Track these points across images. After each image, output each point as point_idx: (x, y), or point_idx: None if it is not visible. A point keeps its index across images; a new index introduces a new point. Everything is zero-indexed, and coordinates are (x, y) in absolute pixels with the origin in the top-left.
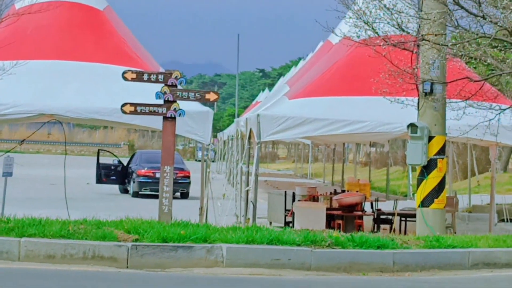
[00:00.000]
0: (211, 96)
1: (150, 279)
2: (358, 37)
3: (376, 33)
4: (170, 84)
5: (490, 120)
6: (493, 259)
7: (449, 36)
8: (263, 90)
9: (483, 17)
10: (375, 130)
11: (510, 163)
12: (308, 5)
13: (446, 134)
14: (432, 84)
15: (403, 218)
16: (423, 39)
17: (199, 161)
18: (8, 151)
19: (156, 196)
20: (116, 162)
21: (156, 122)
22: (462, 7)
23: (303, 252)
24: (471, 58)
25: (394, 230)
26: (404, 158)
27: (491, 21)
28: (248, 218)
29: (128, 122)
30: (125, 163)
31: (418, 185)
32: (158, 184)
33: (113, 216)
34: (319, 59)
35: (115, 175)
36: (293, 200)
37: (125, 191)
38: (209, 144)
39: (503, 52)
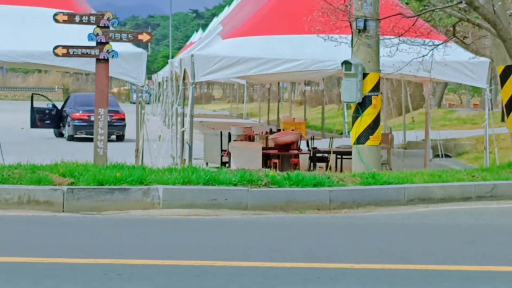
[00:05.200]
0: (144, 37)
1: (87, 222)
2: None
3: None
4: (102, 25)
5: (423, 56)
6: (429, 194)
7: None
8: (197, 30)
9: None
10: (310, 68)
11: (444, 99)
12: None
13: (380, 71)
14: (365, 21)
15: (339, 156)
16: None
17: (134, 103)
18: None
19: (91, 140)
20: (50, 106)
21: (89, 65)
22: None
23: (240, 191)
24: None
25: (330, 168)
26: (339, 96)
27: None
28: (184, 160)
29: (61, 65)
30: (59, 107)
31: (353, 123)
32: (93, 127)
33: (48, 160)
34: None
35: (49, 119)
36: (229, 140)
37: (60, 135)
38: (143, 86)
39: None
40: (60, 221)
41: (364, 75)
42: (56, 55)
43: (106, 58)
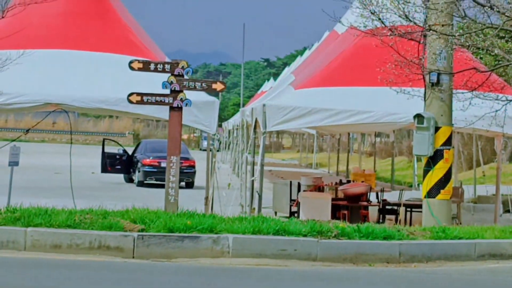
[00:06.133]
0: (218, 86)
1: (156, 269)
2: (365, 27)
3: (383, 23)
4: (177, 74)
5: (496, 111)
6: (500, 250)
7: (456, 26)
8: (268, 79)
9: (490, 7)
10: (381, 120)
11: None
12: None
13: (453, 124)
14: (438, 74)
15: (408, 209)
16: (430, 29)
17: (204, 150)
18: (14, 140)
19: (161, 186)
20: (121, 151)
21: (161, 112)
22: None
23: (309, 242)
24: (478, 48)
25: (399, 221)
26: (409, 148)
27: (498, 11)
28: (254, 208)
29: (134, 111)
30: (130, 152)
31: (424, 176)
32: (163, 173)
33: (119, 205)
34: (325, 49)
35: (120, 164)
36: (298, 190)
37: (130, 180)
38: (214, 134)
39: (510, 42)
40: (131, 267)
41: (436, 128)
42: (130, 102)
43: (179, 106)
